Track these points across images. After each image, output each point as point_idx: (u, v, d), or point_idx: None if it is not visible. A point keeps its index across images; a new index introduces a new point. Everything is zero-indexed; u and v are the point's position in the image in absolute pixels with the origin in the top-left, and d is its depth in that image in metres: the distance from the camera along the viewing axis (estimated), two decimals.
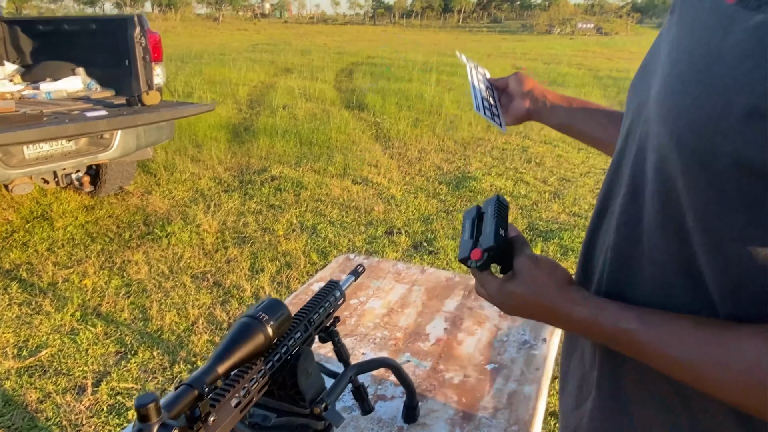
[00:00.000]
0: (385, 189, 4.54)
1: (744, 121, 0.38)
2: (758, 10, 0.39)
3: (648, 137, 0.49)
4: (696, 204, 0.43)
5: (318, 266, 3.18)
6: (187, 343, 2.40)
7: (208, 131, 6.29)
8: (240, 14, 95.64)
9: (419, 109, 8.15)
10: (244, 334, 0.68)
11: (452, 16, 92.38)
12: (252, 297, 2.81)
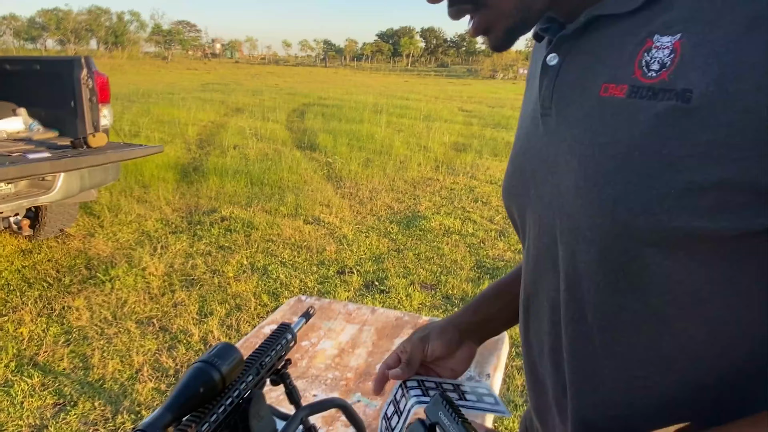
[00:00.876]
0: (337, 228, 4.58)
1: (682, 197, 0.41)
2: (656, 98, 0.42)
3: (577, 232, 0.49)
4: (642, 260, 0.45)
5: (269, 308, 3.16)
6: (131, 392, 2.31)
7: (156, 171, 6.19)
8: (190, 54, 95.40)
9: (370, 149, 8.33)
10: (198, 379, 0.71)
11: (401, 60, 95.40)
12: (200, 342, 2.75)
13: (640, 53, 0.44)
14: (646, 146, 0.43)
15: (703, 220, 0.41)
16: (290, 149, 8.33)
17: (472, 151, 8.30)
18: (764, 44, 0.37)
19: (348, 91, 22.41)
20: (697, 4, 0.41)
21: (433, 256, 3.99)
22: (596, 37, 0.49)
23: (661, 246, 0.44)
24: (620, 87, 0.45)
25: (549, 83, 0.53)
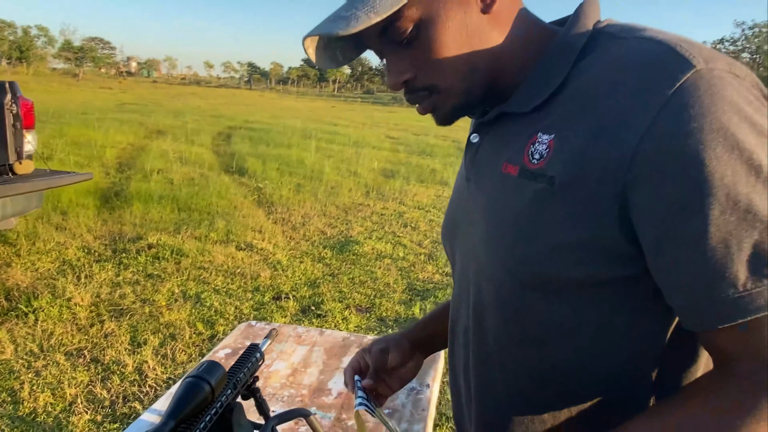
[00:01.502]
0: (271, 254, 4.62)
1: (551, 253, 0.54)
2: (535, 180, 0.56)
3: (482, 274, 0.64)
4: (532, 304, 0.60)
5: (204, 336, 3.16)
6: (66, 424, 2.25)
7: (74, 197, 5.92)
8: (103, 71, 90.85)
9: (301, 174, 8.41)
10: (192, 392, 0.81)
11: (327, 85, 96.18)
12: (135, 372, 2.71)
13: (528, 144, 0.58)
14: (528, 214, 0.56)
15: (568, 271, 0.55)
16: (218, 174, 8.23)
17: (400, 178, 8.60)
18: (604, 149, 0.50)
19: (275, 115, 22.33)
20: (565, 113, 0.56)
21: (367, 279, 4.15)
22: (504, 126, 0.64)
23: (538, 289, 0.58)
24: (515, 167, 0.59)
25: (471, 156, 0.68)
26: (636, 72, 0.51)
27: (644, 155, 0.48)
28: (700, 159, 0.46)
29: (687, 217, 0.47)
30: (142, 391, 2.55)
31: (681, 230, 0.47)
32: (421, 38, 0.59)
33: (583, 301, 0.57)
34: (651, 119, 0.48)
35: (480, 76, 0.61)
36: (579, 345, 0.59)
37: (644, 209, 0.49)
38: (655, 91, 0.48)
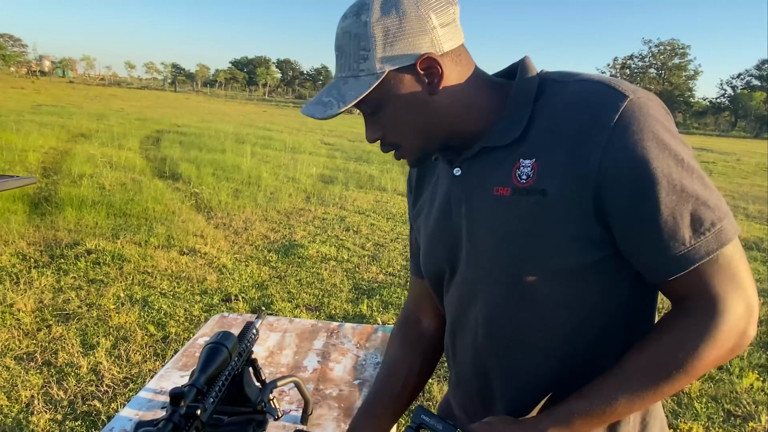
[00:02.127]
0: (215, 258, 4.68)
1: (553, 248, 0.70)
2: (528, 195, 0.70)
3: (491, 278, 0.77)
4: (532, 290, 0.74)
5: (157, 338, 3.21)
6: (26, 424, 2.27)
7: (1, 203, 5.65)
8: (12, 70, 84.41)
9: (238, 180, 8.39)
10: (215, 355, 1.00)
11: (257, 89, 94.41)
12: (90, 373, 2.74)
13: (514, 169, 0.73)
14: (527, 221, 0.71)
15: (567, 260, 0.70)
16: (150, 179, 8.06)
17: (339, 183, 8.79)
18: (577, 166, 0.67)
19: (204, 119, 21.79)
20: (538, 142, 0.72)
21: (314, 281, 4.31)
22: (484, 158, 0.77)
23: (547, 280, 0.72)
24: (506, 189, 0.73)
25: (459, 186, 0.80)
26: (588, 106, 0.68)
27: (606, 165, 0.66)
28: (645, 160, 0.64)
29: (643, 201, 0.65)
30: (100, 390, 2.60)
31: (641, 212, 0.65)
32: (383, 115, 0.76)
33: (581, 282, 0.72)
34: (606, 139, 0.66)
35: (435, 137, 0.78)
36: (582, 318, 0.74)
37: (613, 204, 0.67)
38: (605, 118, 0.66)
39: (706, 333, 0.65)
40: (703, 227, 0.64)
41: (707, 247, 0.64)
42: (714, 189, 0.67)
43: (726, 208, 0.66)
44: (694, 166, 0.66)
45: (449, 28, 0.72)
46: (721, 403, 2.84)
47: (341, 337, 1.80)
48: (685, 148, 0.67)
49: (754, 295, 0.67)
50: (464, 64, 0.76)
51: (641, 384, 0.68)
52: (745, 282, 0.67)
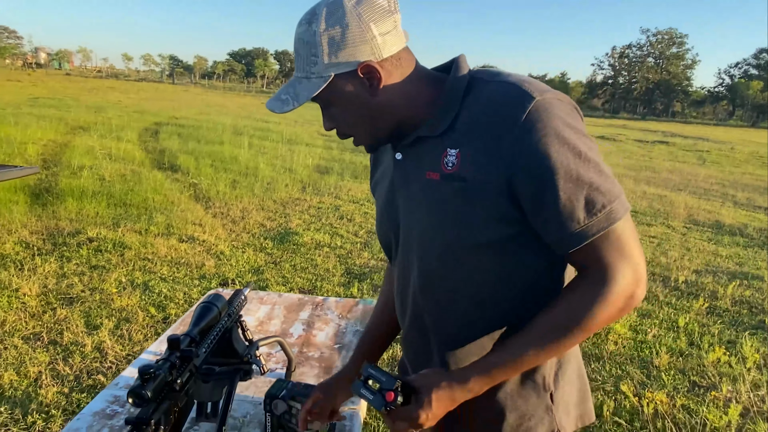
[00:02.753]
0: (213, 246, 4.84)
1: (482, 225, 0.81)
2: (454, 180, 0.82)
3: (423, 244, 0.90)
4: (457, 268, 0.88)
5: (158, 319, 3.38)
6: (35, 396, 2.44)
7: (2, 194, 5.80)
8: (8, 62, 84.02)
9: (235, 171, 8.53)
10: (206, 312, 1.16)
11: (255, 81, 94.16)
12: (95, 350, 2.91)
13: (442, 157, 0.84)
14: (453, 203, 0.83)
15: (487, 234, 0.82)
16: (149, 170, 8.19)
17: (334, 174, 8.94)
18: (492, 157, 0.78)
19: (202, 111, 21.87)
20: (462, 134, 0.83)
21: (308, 266, 4.48)
22: (420, 146, 0.89)
23: (465, 250, 0.85)
24: (436, 174, 0.85)
25: (399, 170, 0.93)
26: (501, 105, 0.80)
27: (515, 158, 0.77)
28: (547, 153, 0.75)
29: (545, 188, 0.77)
30: (104, 366, 2.77)
31: (544, 197, 0.77)
32: (333, 110, 0.88)
33: (501, 253, 0.85)
34: (515, 134, 0.77)
35: (381, 129, 0.89)
36: (503, 283, 0.88)
37: (522, 190, 0.79)
38: (514, 116, 0.77)
39: (599, 296, 0.78)
40: (596, 209, 0.77)
41: (599, 225, 0.77)
42: (609, 176, 0.79)
43: (617, 191, 0.78)
44: (591, 157, 0.78)
45: (389, 36, 0.82)
46: (687, 375, 3.02)
47: (325, 309, 1.97)
48: (585, 141, 0.79)
49: (642, 264, 0.80)
50: (405, 66, 0.86)
51: (546, 339, 0.82)
52: (634, 253, 0.79)
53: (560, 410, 0.94)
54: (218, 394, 1.18)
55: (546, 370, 0.93)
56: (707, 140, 24.83)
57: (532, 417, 0.92)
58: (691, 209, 8.09)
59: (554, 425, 0.93)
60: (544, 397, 0.93)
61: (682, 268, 5.07)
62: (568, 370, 0.96)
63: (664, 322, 3.79)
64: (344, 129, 0.91)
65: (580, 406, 0.99)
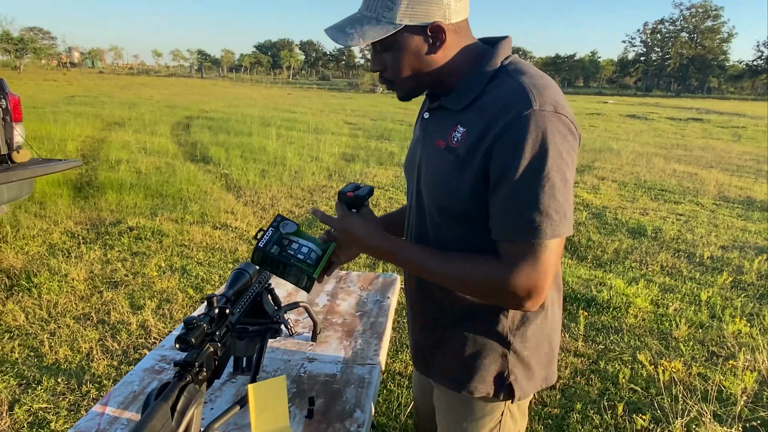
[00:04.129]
0: (245, 232, 5.05)
1: (465, 199, 0.92)
2: (452, 153, 0.93)
3: (423, 197, 1.05)
4: (444, 225, 1.01)
5: (195, 299, 3.60)
6: (88, 369, 2.68)
7: (47, 188, 6.15)
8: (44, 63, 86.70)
9: (264, 161, 8.77)
10: (240, 276, 1.31)
11: (281, 72, 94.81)
12: (139, 328, 3.14)
13: (452, 130, 0.96)
14: (447, 172, 0.95)
15: (466, 205, 0.94)
16: (183, 162, 8.49)
17: (360, 161, 9.08)
18: (483, 140, 0.88)
19: (231, 104, 22.31)
20: (473, 116, 0.92)
21: None
22: (441, 113, 1.01)
23: (450, 217, 0.98)
24: (443, 143, 0.97)
25: (423, 128, 1.07)
26: (507, 102, 0.88)
27: (495, 148, 0.87)
28: (518, 156, 0.84)
29: (503, 182, 0.87)
30: (149, 342, 3.00)
31: (499, 188, 0.88)
32: (389, 56, 0.96)
33: (473, 225, 0.96)
34: (500, 129, 0.87)
35: (422, 83, 0.99)
36: (464, 247, 1.00)
37: (492, 173, 0.89)
38: (509, 115, 0.86)
39: (490, 278, 0.91)
40: (527, 221, 0.86)
41: (519, 234, 0.87)
42: (559, 201, 0.85)
43: (556, 217, 0.85)
44: (552, 178, 0.84)
45: (459, 4, 0.92)
46: (707, 346, 3.07)
47: (348, 282, 2.12)
48: (557, 162, 0.85)
49: (544, 284, 0.88)
50: (462, 36, 0.96)
51: (439, 268, 0.97)
52: (541, 271, 0.87)
53: (517, 361, 1.06)
54: (252, 350, 1.34)
55: (507, 322, 1.04)
56: (744, 116, 24.00)
57: (488, 356, 1.06)
58: (722, 186, 7.95)
59: (506, 369, 1.06)
60: (502, 342, 1.05)
61: (708, 244, 5.05)
62: (534, 331, 1.06)
63: (686, 296, 3.83)
64: (390, 74, 0.99)
65: (547, 368, 1.11)
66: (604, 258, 4.64)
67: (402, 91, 1.02)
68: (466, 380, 1.08)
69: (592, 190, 7.41)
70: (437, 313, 1.11)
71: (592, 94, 57.96)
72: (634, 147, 12.18)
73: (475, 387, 1.07)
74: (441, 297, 1.08)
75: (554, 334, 1.12)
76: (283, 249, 1.16)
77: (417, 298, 1.16)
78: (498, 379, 1.06)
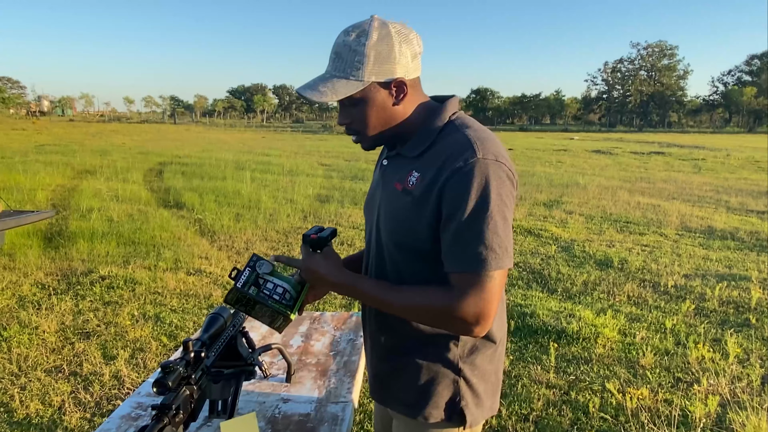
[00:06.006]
0: (220, 277, 5.05)
1: (420, 236, 1.03)
2: (408, 195, 1.04)
3: (381, 235, 1.14)
4: (401, 261, 1.11)
5: (169, 347, 3.57)
6: (60, 422, 2.63)
7: (16, 239, 6.06)
8: (12, 112, 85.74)
9: (239, 204, 8.80)
10: (215, 320, 1.37)
11: (255, 116, 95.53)
12: (113, 379, 3.10)
13: (408, 175, 1.07)
14: (406, 211, 1.05)
15: (420, 243, 1.05)
16: (155, 209, 8.47)
17: (335, 202, 9.19)
18: (434, 185, 0.99)
19: (204, 149, 22.35)
20: (426, 164, 1.04)
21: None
22: (399, 160, 1.13)
23: (407, 253, 1.09)
24: (400, 186, 1.08)
25: (382, 173, 1.18)
26: (454, 151, 1.01)
27: (444, 191, 0.99)
28: (463, 199, 0.96)
29: (450, 222, 0.98)
30: (122, 392, 2.96)
31: (448, 227, 0.99)
32: (357, 109, 1.06)
33: (427, 259, 1.06)
34: (449, 174, 0.98)
35: (387, 134, 1.10)
36: (418, 280, 1.09)
37: (443, 212, 1.00)
38: (456, 163, 0.98)
39: (440, 304, 1.00)
40: (474, 254, 0.97)
41: (467, 265, 0.98)
42: (500, 235, 0.96)
43: (499, 251, 0.96)
44: (495, 215, 0.96)
45: (416, 62, 1.06)
46: (672, 372, 3.18)
47: (322, 323, 2.17)
48: (498, 204, 0.97)
49: (490, 309, 0.98)
50: (418, 91, 1.10)
51: (395, 300, 1.06)
52: (488, 298, 0.97)
53: (467, 388, 1.14)
54: (227, 393, 1.38)
55: (457, 350, 1.13)
56: (703, 148, 25.10)
57: (440, 382, 1.14)
58: (684, 216, 8.28)
59: (457, 395, 1.14)
60: (453, 369, 1.13)
61: (672, 273, 5.24)
62: (482, 360, 1.15)
63: (652, 324, 3.96)
64: (357, 126, 1.09)
65: (492, 397, 1.20)
66: (574, 290, 4.78)
67: (367, 143, 1.12)
68: (421, 406, 1.15)
69: (561, 224, 7.63)
70: (393, 342, 1.19)
71: (558, 131, 59.90)
72: (600, 181, 12.61)
73: (429, 413, 1.15)
74: (397, 326, 1.16)
75: (500, 365, 1.22)
76: (259, 289, 1.21)
77: (375, 328, 1.24)
78: (450, 405, 1.14)
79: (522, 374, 3.18)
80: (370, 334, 1.27)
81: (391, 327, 1.18)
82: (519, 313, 4.09)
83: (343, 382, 1.66)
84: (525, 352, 3.49)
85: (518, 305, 4.29)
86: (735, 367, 3.20)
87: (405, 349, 1.17)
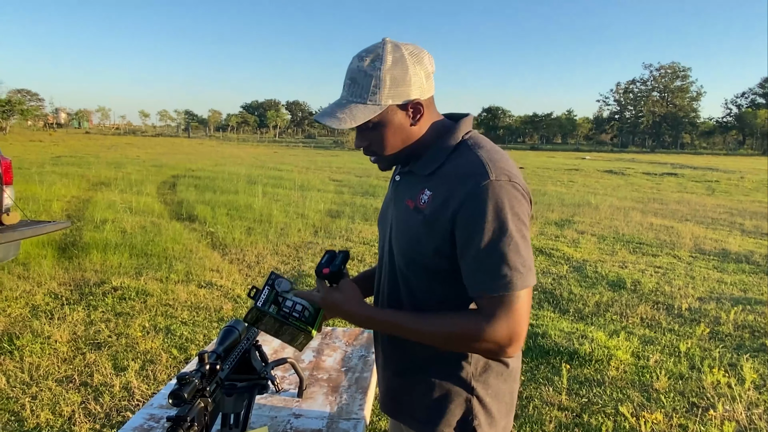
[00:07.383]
0: (230, 290, 5.07)
1: (431, 255, 1.04)
2: (419, 213, 1.05)
3: (393, 251, 1.15)
4: (413, 278, 1.12)
5: (180, 359, 3.58)
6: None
7: (31, 249, 6.14)
8: (29, 124, 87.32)
9: (250, 218, 8.85)
10: (230, 333, 1.38)
11: (268, 131, 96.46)
12: (122, 390, 3.11)
13: (420, 193, 1.07)
14: (417, 228, 1.06)
15: (430, 262, 1.05)
16: (168, 221, 8.54)
17: (345, 217, 9.22)
18: (447, 205, 0.99)
19: (217, 163, 22.59)
20: (438, 182, 1.04)
21: None
22: (411, 177, 1.13)
23: (418, 271, 1.10)
24: (412, 203, 1.09)
25: (395, 189, 1.19)
26: (467, 172, 1.01)
27: (459, 214, 0.98)
28: (481, 221, 0.96)
29: (469, 245, 0.98)
30: (132, 404, 2.96)
31: (467, 251, 0.99)
32: (375, 132, 1.07)
33: (438, 278, 1.07)
34: (463, 197, 0.98)
35: (403, 154, 1.11)
36: (434, 300, 1.10)
37: (458, 237, 1.00)
38: (469, 185, 0.98)
39: (471, 330, 0.99)
40: (498, 276, 0.96)
41: (494, 288, 0.97)
42: (523, 256, 0.97)
43: (523, 270, 0.96)
44: (514, 236, 0.96)
45: (430, 83, 1.07)
46: (687, 397, 3.13)
47: (334, 338, 2.17)
48: (516, 223, 0.97)
49: (521, 329, 0.98)
50: (432, 110, 1.11)
51: (421, 328, 1.05)
52: (518, 319, 0.97)
53: (480, 407, 1.13)
54: (240, 406, 1.38)
55: (470, 368, 1.13)
56: (717, 170, 24.89)
57: (453, 400, 1.13)
58: (698, 239, 8.19)
59: (470, 413, 1.13)
60: (465, 387, 1.13)
61: (685, 296, 5.18)
62: (496, 379, 1.15)
63: (666, 347, 3.90)
64: (375, 147, 1.10)
65: (506, 417, 1.19)
66: (586, 311, 4.73)
67: (385, 163, 1.14)
68: (434, 423, 1.15)
69: (573, 244, 7.58)
70: (405, 359, 1.19)
71: (570, 150, 59.83)
72: (612, 201, 12.53)
73: (441, 430, 1.14)
74: (408, 344, 1.15)
75: (515, 385, 1.21)
76: (279, 308, 1.20)
77: (387, 345, 1.24)
78: (462, 423, 1.13)
79: (534, 395, 3.15)
80: (383, 350, 1.27)
81: (403, 344, 1.17)
82: (530, 333, 4.06)
83: (355, 398, 1.66)
84: (537, 373, 3.45)
85: (530, 325, 4.25)
86: (751, 393, 3.13)
87: (417, 366, 1.17)
